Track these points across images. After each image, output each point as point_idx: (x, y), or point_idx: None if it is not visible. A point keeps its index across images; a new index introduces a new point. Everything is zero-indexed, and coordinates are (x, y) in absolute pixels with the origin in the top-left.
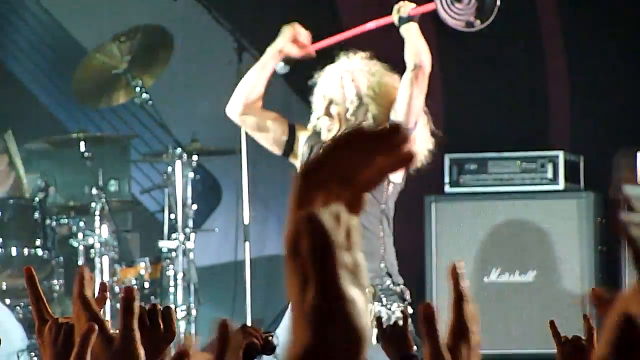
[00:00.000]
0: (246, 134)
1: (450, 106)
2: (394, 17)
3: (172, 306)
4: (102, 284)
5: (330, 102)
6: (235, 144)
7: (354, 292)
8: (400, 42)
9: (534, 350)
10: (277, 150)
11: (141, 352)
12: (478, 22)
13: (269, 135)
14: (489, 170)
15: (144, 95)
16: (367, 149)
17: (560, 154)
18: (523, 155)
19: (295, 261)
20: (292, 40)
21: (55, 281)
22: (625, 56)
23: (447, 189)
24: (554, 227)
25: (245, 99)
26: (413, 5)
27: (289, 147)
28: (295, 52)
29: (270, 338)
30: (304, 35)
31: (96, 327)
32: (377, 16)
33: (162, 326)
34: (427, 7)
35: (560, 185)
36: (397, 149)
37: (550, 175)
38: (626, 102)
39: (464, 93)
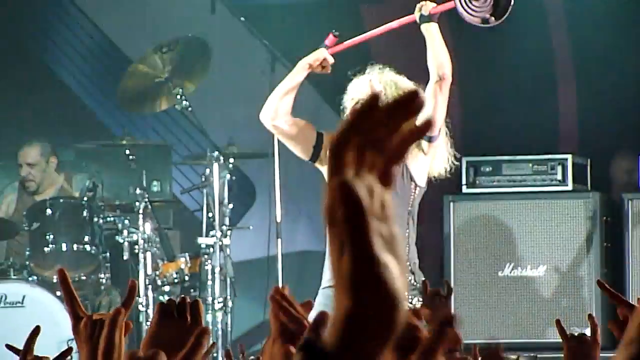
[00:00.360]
0: (278, 141)
1: (466, 112)
2: (415, 15)
3: (210, 298)
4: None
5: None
6: (268, 147)
7: (388, 259)
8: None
9: (544, 339)
10: (304, 156)
11: None
12: (493, 18)
13: (298, 141)
14: (503, 172)
15: (184, 103)
16: (389, 114)
17: (569, 157)
18: (534, 158)
19: (333, 229)
20: (320, 62)
21: (102, 275)
22: (631, 63)
23: (464, 189)
24: (562, 225)
25: (277, 106)
26: (434, 4)
27: (316, 153)
28: (318, 70)
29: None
30: (331, 62)
31: (123, 309)
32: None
33: (189, 318)
34: (447, 5)
35: (569, 186)
36: (416, 113)
37: (559, 177)
38: (630, 108)
39: (480, 98)
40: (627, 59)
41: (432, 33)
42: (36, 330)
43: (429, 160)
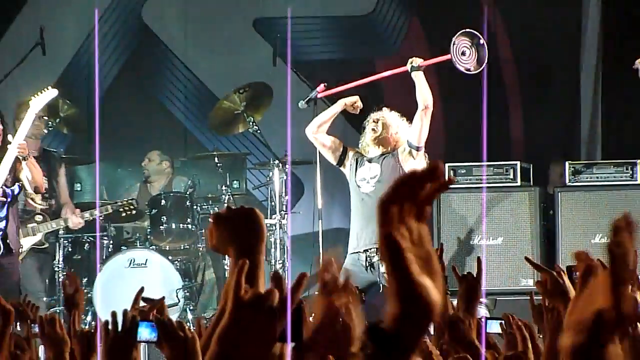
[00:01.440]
0: (319, 151)
1: (449, 128)
2: (407, 67)
3: (273, 261)
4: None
5: (376, 121)
6: (312, 157)
7: (424, 280)
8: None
9: (502, 288)
10: (333, 162)
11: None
12: (472, 68)
13: (330, 151)
14: (474, 173)
15: (254, 127)
16: (420, 180)
17: (518, 163)
18: (495, 164)
19: (385, 264)
20: (354, 103)
21: (199, 245)
22: (564, 92)
23: None
24: (514, 210)
25: (318, 127)
26: (421, 60)
27: (341, 160)
28: (350, 109)
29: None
30: (360, 107)
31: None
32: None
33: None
34: (444, 58)
35: (518, 183)
36: (438, 179)
37: (511, 177)
38: (561, 128)
39: (458, 120)
40: (562, 89)
41: (419, 78)
42: (141, 290)
43: (418, 162)
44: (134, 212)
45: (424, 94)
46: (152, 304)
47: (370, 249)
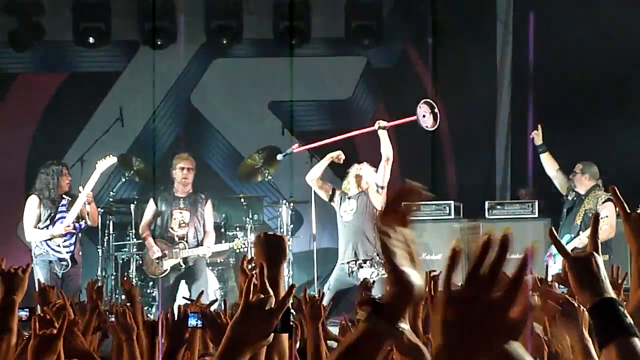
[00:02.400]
0: (314, 192)
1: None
2: (375, 126)
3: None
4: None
5: (357, 174)
6: (308, 197)
7: (407, 267)
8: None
9: None
10: (325, 199)
11: None
12: (429, 126)
13: (323, 191)
14: (423, 209)
15: (269, 177)
16: (400, 196)
17: (453, 202)
18: (436, 203)
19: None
20: (338, 156)
21: (230, 259)
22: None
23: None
24: (447, 234)
25: (314, 176)
26: (385, 122)
27: (331, 197)
28: (337, 161)
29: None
30: (342, 156)
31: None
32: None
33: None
34: (409, 119)
35: (453, 216)
36: (414, 197)
37: (447, 212)
38: (480, 175)
39: (416, 168)
40: (481, 152)
41: (384, 136)
42: (201, 293)
43: (383, 197)
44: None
45: (386, 149)
46: (193, 301)
47: (350, 261)
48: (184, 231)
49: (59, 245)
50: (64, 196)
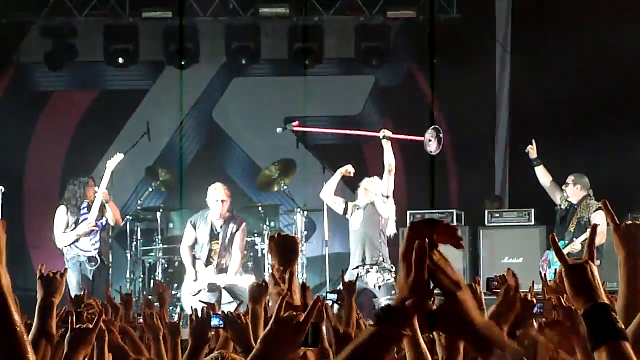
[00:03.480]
0: (325, 203)
1: (409, 189)
2: (380, 135)
3: (296, 273)
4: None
5: (366, 189)
6: (322, 207)
7: (424, 282)
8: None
9: None
10: (340, 213)
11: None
12: (433, 151)
13: (337, 206)
14: (426, 217)
15: (284, 187)
16: (444, 229)
17: (455, 211)
18: (438, 211)
19: (407, 265)
20: (348, 171)
21: (249, 263)
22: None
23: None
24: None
25: (328, 193)
26: (390, 133)
27: (345, 211)
28: (347, 175)
29: None
30: (352, 170)
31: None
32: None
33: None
34: (417, 138)
35: (455, 223)
36: (455, 236)
37: (449, 220)
38: (480, 185)
39: (418, 181)
40: (481, 161)
41: (387, 147)
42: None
43: (389, 206)
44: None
45: (389, 160)
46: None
47: (359, 266)
48: (217, 259)
49: (86, 245)
50: (85, 201)
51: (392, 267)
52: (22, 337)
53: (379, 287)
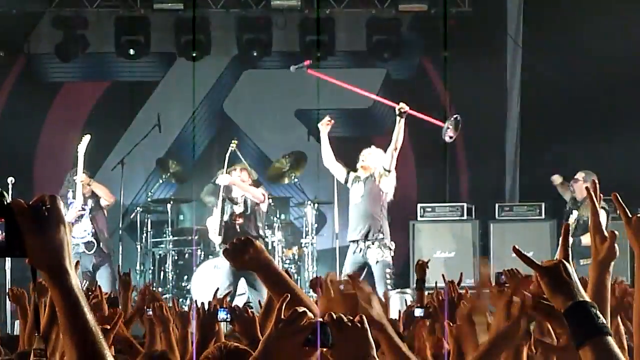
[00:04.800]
0: (336, 194)
1: (419, 178)
2: (397, 108)
3: (307, 266)
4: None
5: (364, 156)
6: (331, 198)
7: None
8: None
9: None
10: (341, 181)
11: None
12: (450, 138)
13: (338, 172)
14: (437, 211)
15: (295, 180)
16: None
17: (465, 204)
18: (449, 204)
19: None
20: (326, 123)
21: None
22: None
23: (419, 218)
24: (463, 232)
25: (328, 158)
26: (407, 107)
27: (346, 180)
28: (328, 124)
29: None
30: (330, 120)
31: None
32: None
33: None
34: (437, 122)
35: (465, 217)
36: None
37: (459, 213)
38: (491, 179)
39: (432, 171)
40: (490, 155)
41: (400, 124)
42: (216, 290)
43: (390, 179)
44: None
45: (397, 139)
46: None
47: (358, 240)
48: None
49: (80, 232)
50: (68, 189)
51: (392, 244)
52: (97, 336)
53: (376, 262)
